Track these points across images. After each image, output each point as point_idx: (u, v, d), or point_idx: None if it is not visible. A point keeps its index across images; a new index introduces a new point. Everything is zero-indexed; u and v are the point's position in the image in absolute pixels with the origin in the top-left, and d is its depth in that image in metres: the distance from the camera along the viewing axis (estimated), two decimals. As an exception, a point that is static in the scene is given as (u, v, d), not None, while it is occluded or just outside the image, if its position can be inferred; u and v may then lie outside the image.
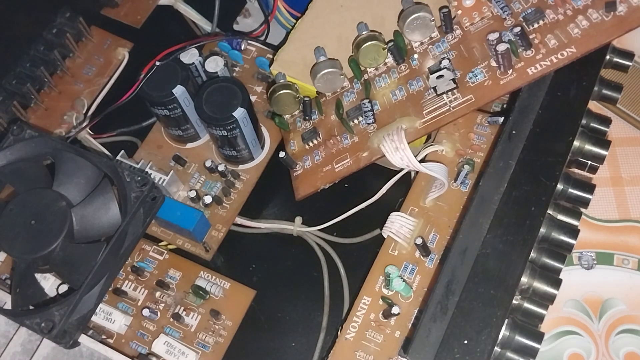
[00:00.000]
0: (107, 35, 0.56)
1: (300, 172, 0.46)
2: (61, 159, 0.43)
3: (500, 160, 0.39)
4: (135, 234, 0.41)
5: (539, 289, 0.37)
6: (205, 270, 0.45)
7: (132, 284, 0.45)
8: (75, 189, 0.42)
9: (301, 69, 0.47)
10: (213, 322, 0.43)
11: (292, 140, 0.48)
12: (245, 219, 0.48)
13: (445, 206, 0.44)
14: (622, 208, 0.52)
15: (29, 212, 0.41)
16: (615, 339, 0.48)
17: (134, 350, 0.43)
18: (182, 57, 0.47)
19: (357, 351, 0.40)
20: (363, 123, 0.44)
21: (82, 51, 0.55)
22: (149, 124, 0.52)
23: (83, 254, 0.40)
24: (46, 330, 0.37)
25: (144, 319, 0.43)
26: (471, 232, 0.37)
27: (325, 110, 0.47)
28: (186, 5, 0.56)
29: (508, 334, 0.36)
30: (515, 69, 0.41)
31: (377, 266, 0.42)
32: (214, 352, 0.43)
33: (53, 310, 0.38)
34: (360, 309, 0.41)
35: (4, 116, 0.51)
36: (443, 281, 0.36)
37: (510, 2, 0.43)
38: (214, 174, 0.48)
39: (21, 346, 0.40)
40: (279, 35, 0.54)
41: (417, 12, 0.43)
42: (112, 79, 0.54)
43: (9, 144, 0.43)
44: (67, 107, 0.53)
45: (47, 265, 0.41)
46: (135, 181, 0.41)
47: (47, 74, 0.52)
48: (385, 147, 0.42)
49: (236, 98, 0.44)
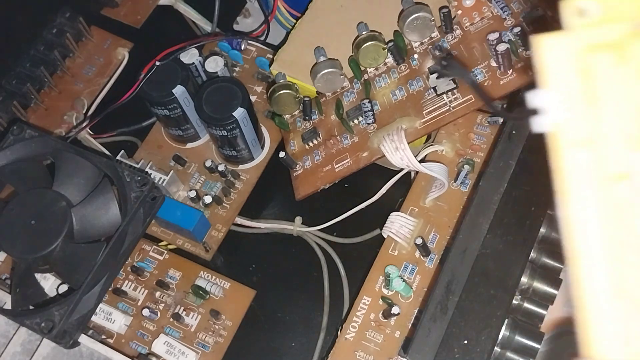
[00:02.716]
0: (107, 35, 0.56)
1: (300, 172, 0.46)
2: (61, 159, 0.43)
3: (500, 160, 0.39)
4: (135, 234, 0.41)
5: (539, 289, 0.37)
6: (205, 270, 0.45)
7: (132, 284, 0.45)
8: (75, 189, 0.42)
9: (301, 69, 0.47)
10: (213, 322, 0.43)
11: (292, 140, 0.48)
12: (245, 219, 0.48)
13: (445, 206, 0.44)
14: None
15: (29, 212, 0.41)
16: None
17: (134, 350, 0.43)
18: (182, 57, 0.47)
19: (357, 351, 0.40)
20: (363, 123, 0.44)
21: (82, 51, 0.55)
22: (149, 124, 0.52)
23: (83, 254, 0.40)
24: (46, 330, 0.37)
25: (144, 319, 0.43)
26: (471, 232, 0.37)
27: (325, 110, 0.47)
28: (186, 5, 0.56)
29: (508, 334, 0.36)
30: (515, 69, 0.41)
31: (377, 266, 0.42)
32: (214, 352, 0.43)
33: (53, 310, 0.38)
34: (360, 309, 0.41)
35: (4, 116, 0.50)
36: (443, 281, 0.36)
37: (510, 2, 0.43)
38: (214, 174, 0.48)
39: (21, 346, 0.40)
40: (279, 35, 0.54)
41: (417, 12, 0.43)
42: (112, 79, 0.54)
43: (9, 144, 0.43)
44: (67, 107, 0.53)
45: (47, 265, 0.41)
46: (135, 181, 0.41)
47: (47, 74, 0.52)
48: (385, 147, 0.42)
49: (236, 98, 0.44)
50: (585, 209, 0.17)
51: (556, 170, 0.17)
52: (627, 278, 0.17)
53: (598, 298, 0.17)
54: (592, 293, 0.17)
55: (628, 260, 0.17)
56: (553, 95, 0.17)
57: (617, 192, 0.17)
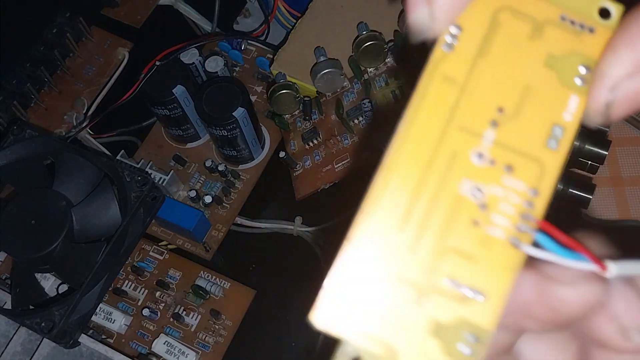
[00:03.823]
0: (107, 35, 0.56)
1: (300, 172, 0.46)
2: (61, 159, 0.43)
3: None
4: (135, 234, 0.41)
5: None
6: (205, 270, 0.45)
7: (132, 283, 0.45)
8: (75, 188, 0.42)
9: (301, 69, 0.47)
10: (213, 322, 0.43)
11: (292, 140, 0.48)
12: (245, 219, 0.48)
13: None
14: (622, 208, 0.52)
15: (29, 212, 0.41)
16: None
17: (134, 350, 0.43)
18: (182, 57, 0.47)
19: (357, 351, 0.40)
20: (363, 123, 0.44)
21: (82, 51, 0.55)
22: (149, 123, 0.52)
23: (83, 254, 0.40)
24: (46, 330, 0.37)
25: (144, 319, 0.43)
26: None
27: (325, 110, 0.47)
28: (186, 5, 0.56)
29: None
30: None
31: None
32: (214, 352, 0.43)
33: (53, 310, 0.38)
34: (360, 309, 0.41)
35: (4, 116, 0.50)
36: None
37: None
38: (214, 173, 0.48)
39: (21, 346, 0.40)
40: (279, 35, 0.54)
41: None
42: (112, 79, 0.54)
43: (9, 144, 0.43)
44: (67, 107, 0.53)
45: (47, 265, 0.41)
46: (135, 181, 0.41)
47: (47, 74, 0.52)
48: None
49: (236, 98, 0.44)
50: (425, 135, 0.18)
51: (421, 88, 0.18)
52: (414, 218, 0.18)
53: (385, 210, 0.18)
54: (379, 204, 0.18)
55: (425, 206, 0.18)
56: (458, 25, 0.18)
57: (457, 146, 0.18)
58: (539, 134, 0.19)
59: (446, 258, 0.18)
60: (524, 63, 0.19)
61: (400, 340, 0.18)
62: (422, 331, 0.18)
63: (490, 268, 0.18)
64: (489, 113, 0.19)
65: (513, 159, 0.18)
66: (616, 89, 0.17)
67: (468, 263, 0.18)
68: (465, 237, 0.18)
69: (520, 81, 0.19)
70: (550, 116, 0.19)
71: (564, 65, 0.19)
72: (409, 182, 0.18)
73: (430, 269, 0.18)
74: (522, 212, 0.18)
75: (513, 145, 0.19)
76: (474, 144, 0.18)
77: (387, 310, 0.18)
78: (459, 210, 0.18)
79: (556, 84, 0.19)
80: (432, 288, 0.18)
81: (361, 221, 0.19)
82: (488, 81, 0.19)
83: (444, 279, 0.18)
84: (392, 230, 0.18)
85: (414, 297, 0.18)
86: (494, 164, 0.18)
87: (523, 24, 0.19)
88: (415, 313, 0.18)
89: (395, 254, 0.18)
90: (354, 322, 0.18)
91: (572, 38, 0.19)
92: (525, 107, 0.19)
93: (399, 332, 0.18)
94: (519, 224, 0.18)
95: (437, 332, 0.17)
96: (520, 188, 0.18)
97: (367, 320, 0.18)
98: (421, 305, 0.18)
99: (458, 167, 0.18)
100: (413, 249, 0.18)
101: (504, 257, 0.18)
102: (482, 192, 0.18)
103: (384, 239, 0.18)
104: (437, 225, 0.18)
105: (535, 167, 0.18)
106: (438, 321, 0.17)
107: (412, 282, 0.18)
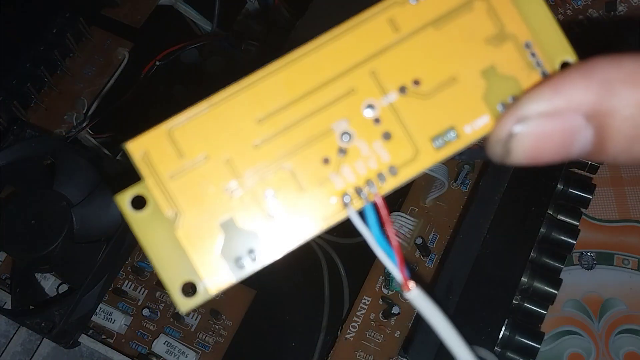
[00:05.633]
0: (107, 35, 0.56)
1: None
2: (61, 159, 0.43)
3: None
4: (135, 233, 0.41)
5: (539, 289, 0.37)
6: (205, 270, 0.45)
7: (132, 283, 0.45)
8: (76, 188, 0.42)
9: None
10: (213, 322, 0.43)
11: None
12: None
13: (445, 206, 0.44)
14: (622, 208, 0.52)
15: (29, 212, 0.41)
16: (616, 339, 0.48)
17: (134, 350, 0.43)
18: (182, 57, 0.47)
19: (357, 351, 0.40)
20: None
21: (82, 51, 0.55)
22: (149, 124, 0.52)
23: (83, 254, 0.40)
24: (46, 330, 0.37)
25: (144, 319, 0.43)
26: (471, 232, 0.37)
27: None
28: (186, 5, 0.56)
29: (508, 334, 0.36)
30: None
31: (377, 266, 0.42)
32: (214, 352, 0.43)
33: (53, 310, 0.38)
34: (360, 309, 0.41)
35: (4, 116, 0.50)
36: (443, 281, 0.36)
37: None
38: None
39: (21, 346, 0.40)
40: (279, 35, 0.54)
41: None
42: (112, 79, 0.54)
43: (9, 143, 0.43)
44: (67, 107, 0.53)
45: (47, 265, 0.41)
46: (135, 181, 0.41)
47: (47, 74, 0.52)
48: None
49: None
50: (339, 57, 0.19)
51: (365, 15, 0.20)
52: (277, 122, 0.18)
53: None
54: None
55: (294, 117, 0.18)
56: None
57: (358, 86, 0.18)
58: (433, 126, 0.18)
59: (281, 173, 0.18)
60: (465, 58, 0.18)
61: (188, 210, 0.18)
62: (215, 222, 0.18)
63: (309, 208, 0.18)
64: (405, 78, 0.18)
65: (396, 130, 0.18)
66: (525, 122, 0.17)
67: (295, 190, 0.18)
68: (308, 166, 0.18)
69: (451, 70, 0.18)
70: (454, 118, 0.18)
71: (497, 85, 0.18)
72: (297, 86, 0.18)
73: (262, 173, 0.18)
74: (369, 180, 0.18)
75: (405, 119, 0.18)
76: (374, 95, 0.18)
77: (199, 180, 0.18)
78: (320, 141, 0.18)
79: (479, 95, 0.18)
80: (251, 191, 0.18)
81: (233, 92, 0.18)
82: (424, 50, 0.18)
83: (267, 189, 0.18)
84: (252, 116, 0.18)
85: (232, 187, 0.18)
86: (377, 123, 0.18)
87: (490, 25, 0.18)
88: (221, 200, 0.18)
89: (240, 139, 0.18)
90: (164, 168, 0.18)
91: (522, 67, 0.18)
92: (439, 95, 0.18)
93: (193, 205, 0.18)
94: (360, 188, 0.18)
95: (225, 228, 0.18)
96: (384, 159, 0.18)
97: (173, 175, 0.18)
98: (231, 198, 0.18)
99: (346, 104, 0.18)
100: (258, 146, 0.18)
101: (327, 207, 0.18)
102: (350, 140, 0.18)
103: (239, 119, 0.18)
104: (292, 140, 0.18)
105: (410, 151, 0.18)
106: (233, 221, 0.18)
107: (237, 174, 0.18)
